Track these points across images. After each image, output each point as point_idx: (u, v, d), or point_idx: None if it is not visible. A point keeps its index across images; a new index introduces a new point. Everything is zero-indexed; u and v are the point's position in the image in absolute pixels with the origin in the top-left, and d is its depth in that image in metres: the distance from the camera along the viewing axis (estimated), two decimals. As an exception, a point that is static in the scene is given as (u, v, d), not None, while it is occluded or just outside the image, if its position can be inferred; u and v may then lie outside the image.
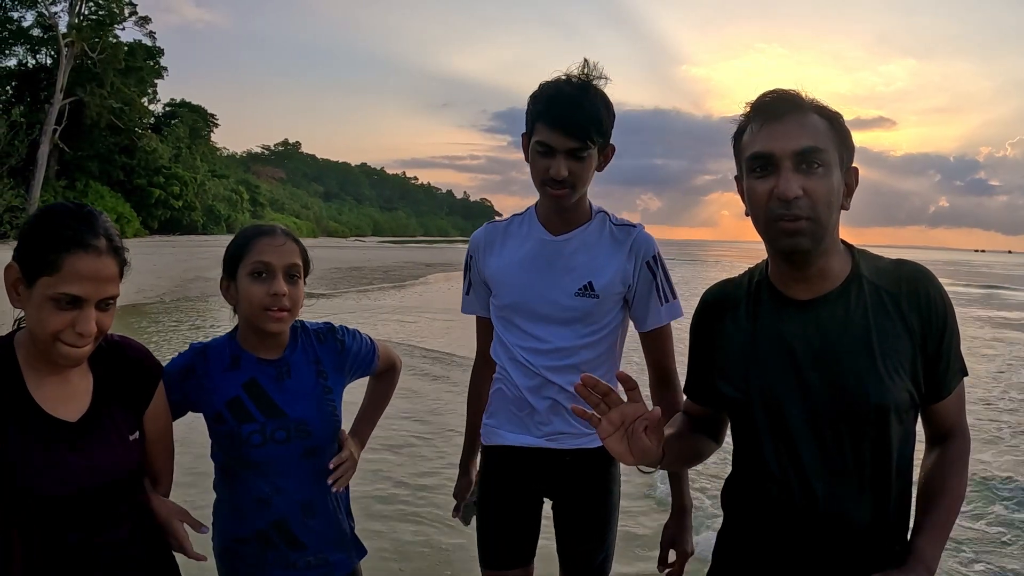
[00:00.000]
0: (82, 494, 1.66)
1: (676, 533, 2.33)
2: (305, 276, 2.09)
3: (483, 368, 2.54)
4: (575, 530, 2.39)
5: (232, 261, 2.04)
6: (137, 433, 1.79)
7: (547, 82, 2.17)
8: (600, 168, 2.22)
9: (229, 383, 2.04)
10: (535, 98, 2.17)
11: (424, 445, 7.22)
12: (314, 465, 2.09)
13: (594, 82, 2.16)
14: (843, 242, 1.70)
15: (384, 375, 2.38)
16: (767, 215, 1.58)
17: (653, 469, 1.63)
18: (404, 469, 6.44)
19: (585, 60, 2.17)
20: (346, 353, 2.19)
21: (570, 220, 2.27)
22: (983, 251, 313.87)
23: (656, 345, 2.35)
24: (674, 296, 2.31)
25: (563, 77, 2.15)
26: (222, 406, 2.02)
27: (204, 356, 2.08)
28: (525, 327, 2.29)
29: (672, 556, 2.33)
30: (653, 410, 1.52)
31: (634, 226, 2.29)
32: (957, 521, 1.65)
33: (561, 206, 2.20)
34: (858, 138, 1.65)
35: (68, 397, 1.69)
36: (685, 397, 1.95)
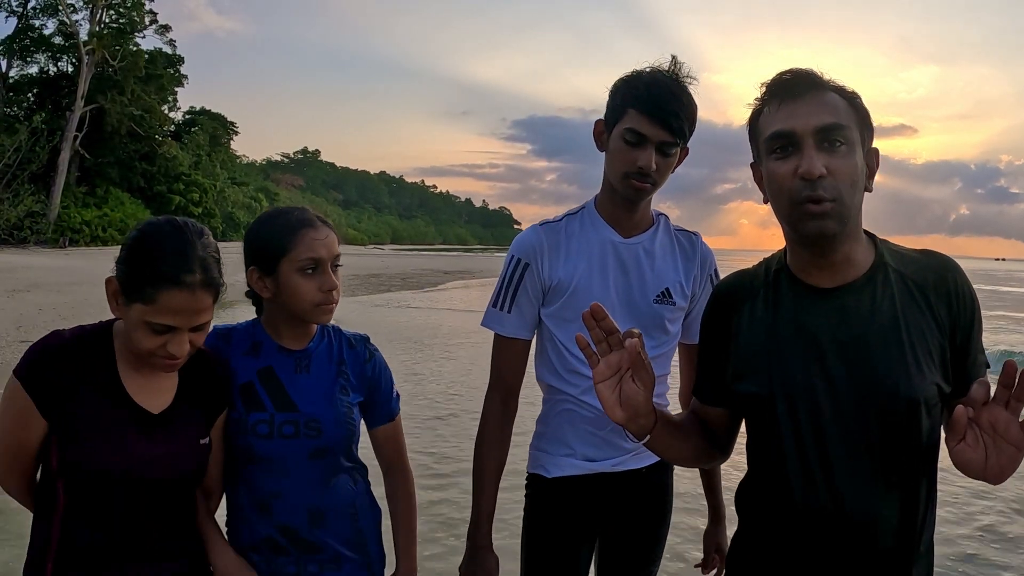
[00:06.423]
0: (141, 480, 1.74)
1: (721, 539, 2.45)
2: None
3: (508, 405, 2.22)
4: (631, 553, 2.26)
5: (273, 254, 1.92)
6: (208, 439, 1.87)
7: (640, 70, 2.03)
8: (673, 170, 2.11)
9: (245, 368, 1.98)
10: (629, 82, 2.03)
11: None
12: (323, 468, 2.00)
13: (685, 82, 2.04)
14: (865, 231, 1.64)
15: (393, 479, 2.19)
16: (791, 197, 1.51)
17: (638, 440, 1.57)
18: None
19: (674, 58, 2.03)
20: (371, 367, 2.10)
21: (639, 222, 2.15)
22: (1004, 259, 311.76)
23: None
24: None
25: (654, 69, 2.03)
26: (235, 391, 1.96)
27: (227, 340, 2.02)
28: None
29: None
30: (637, 340, 1.46)
31: (696, 234, 2.24)
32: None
33: (635, 203, 2.10)
34: (879, 146, 1.63)
35: (154, 390, 1.80)
36: (694, 399, 1.83)
